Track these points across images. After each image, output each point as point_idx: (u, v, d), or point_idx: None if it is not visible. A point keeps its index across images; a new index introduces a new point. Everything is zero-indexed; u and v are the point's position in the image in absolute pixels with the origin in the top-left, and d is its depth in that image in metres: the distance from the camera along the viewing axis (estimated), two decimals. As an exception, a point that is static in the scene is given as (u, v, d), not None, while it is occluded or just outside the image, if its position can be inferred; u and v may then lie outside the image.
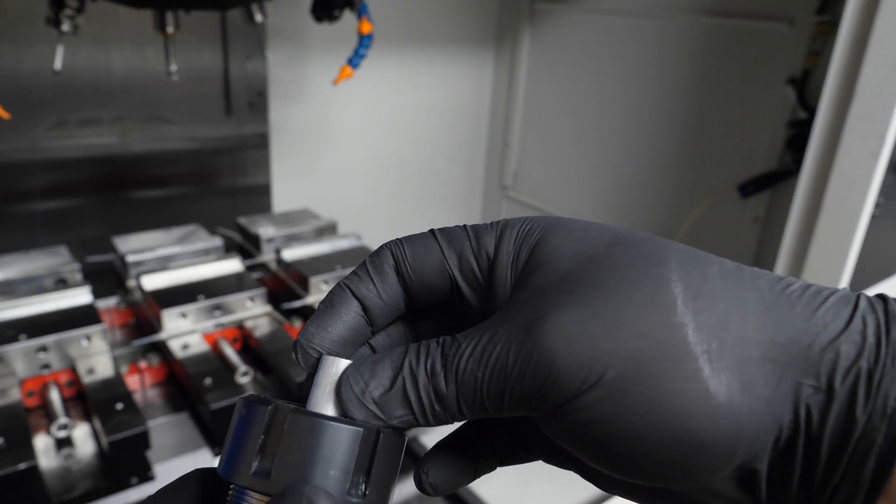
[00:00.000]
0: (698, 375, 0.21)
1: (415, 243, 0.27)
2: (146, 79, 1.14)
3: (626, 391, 0.21)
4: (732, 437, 0.21)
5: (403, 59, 1.49)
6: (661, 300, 0.22)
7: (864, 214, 0.79)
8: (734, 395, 0.21)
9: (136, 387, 0.86)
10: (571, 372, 0.22)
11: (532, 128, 1.64)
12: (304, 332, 0.26)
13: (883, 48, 0.73)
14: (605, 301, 0.22)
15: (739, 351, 0.22)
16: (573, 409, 0.22)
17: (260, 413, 0.23)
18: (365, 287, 0.26)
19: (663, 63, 1.31)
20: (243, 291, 0.94)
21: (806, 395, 0.21)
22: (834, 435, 0.21)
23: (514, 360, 0.23)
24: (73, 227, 1.17)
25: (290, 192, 1.41)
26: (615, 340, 0.22)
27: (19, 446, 0.67)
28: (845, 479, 0.21)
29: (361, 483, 0.23)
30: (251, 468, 0.23)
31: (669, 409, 0.21)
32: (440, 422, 0.24)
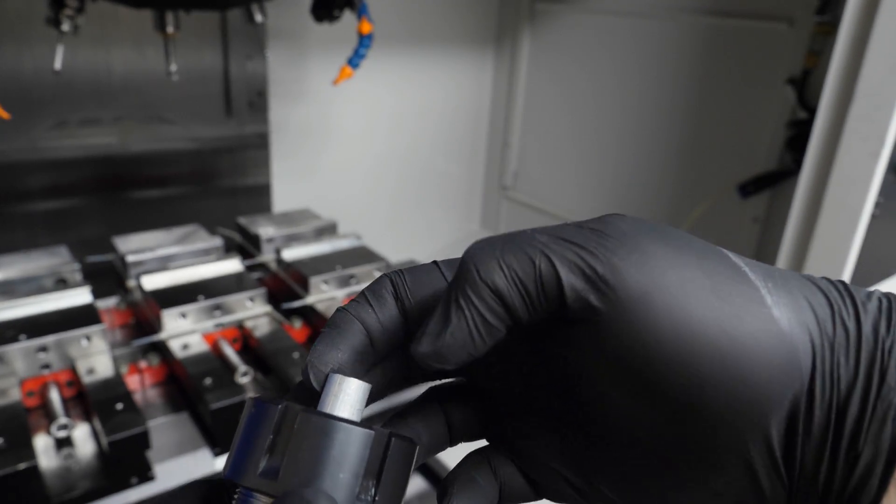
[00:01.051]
0: (763, 300, 0.22)
1: (414, 270, 0.27)
2: (146, 79, 1.14)
3: (701, 293, 0.22)
4: (788, 363, 0.22)
5: (403, 59, 1.49)
6: (715, 249, 0.24)
7: (864, 214, 0.79)
8: (793, 326, 0.22)
9: (136, 387, 0.86)
10: (647, 253, 0.22)
11: (532, 128, 1.64)
12: (315, 351, 0.25)
13: (883, 48, 0.73)
14: (672, 234, 0.24)
15: (789, 297, 0.23)
16: (640, 293, 0.22)
17: (270, 412, 0.23)
18: (364, 311, 0.26)
19: (663, 63, 1.31)
20: (243, 291, 0.94)
21: (839, 351, 0.22)
22: (859, 396, 0.22)
23: (585, 233, 0.23)
24: (73, 227, 1.17)
25: (290, 192, 1.41)
26: (690, 250, 0.23)
27: (19, 446, 0.67)
28: (867, 444, 0.22)
29: (371, 488, 0.23)
30: (259, 468, 0.22)
31: (742, 323, 0.22)
32: (499, 322, 0.23)
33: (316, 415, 0.23)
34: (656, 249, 0.23)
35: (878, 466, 0.22)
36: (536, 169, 1.66)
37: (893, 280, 0.92)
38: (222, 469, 0.24)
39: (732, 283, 0.23)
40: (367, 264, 1.04)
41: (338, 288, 1.01)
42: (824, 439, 0.23)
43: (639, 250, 0.23)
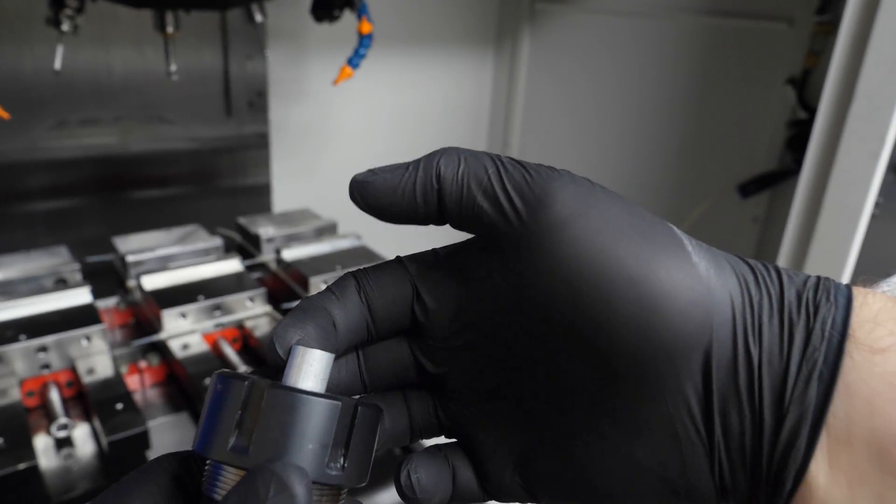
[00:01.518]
0: (684, 246, 0.24)
1: (378, 270, 0.29)
2: (146, 79, 1.14)
3: (625, 232, 0.23)
4: (706, 310, 0.22)
5: (403, 59, 1.49)
6: (644, 212, 0.25)
7: (864, 214, 0.79)
8: (711, 275, 0.23)
9: (136, 387, 0.86)
10: (578, 196, 0.24)
11: (532, 128, 1.64)
12: (280, 325, 0.26)
13: (883, 48, 0.73)
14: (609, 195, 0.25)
15: (712, 255, 0.24)
16: (575, 225, 0.23)
17: (236, 388, 0.23)
18: (329, 300, 0.27)
19: (663, 63, 1.31)
20: (243, 291, 0.93)
21: (759, 309, 0.23)
22: (784, 353, 0.22)
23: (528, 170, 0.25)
24: (73, 227, 1.17)
25: (290, 192, 1.41)
26: (616, 201, 0.25)
27: (19, 446, 0.67)
28: (792, 404, 0.22)
29: (340, 456, 0.23)
30: (228, 444, 0.22)
31: (661, 260, 0.23)
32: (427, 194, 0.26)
33: (282, 389, 0.23)
34: (591, 189, 0.25)
35: (804, 429, 0.22)
36: (536, 169, 1.66)
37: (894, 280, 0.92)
38: (196, 447, 0.24)
39: (657, 227, 0.24)
40: (367, 264, 1.04)
41: (338, 288, 1.01)
42: (748, 399, 0.23)
43: (575, 184, 0.25)
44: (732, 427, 0.23)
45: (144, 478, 0.25)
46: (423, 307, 0.28)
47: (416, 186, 0.26)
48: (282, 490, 0.21)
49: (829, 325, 0.22)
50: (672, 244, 0.23)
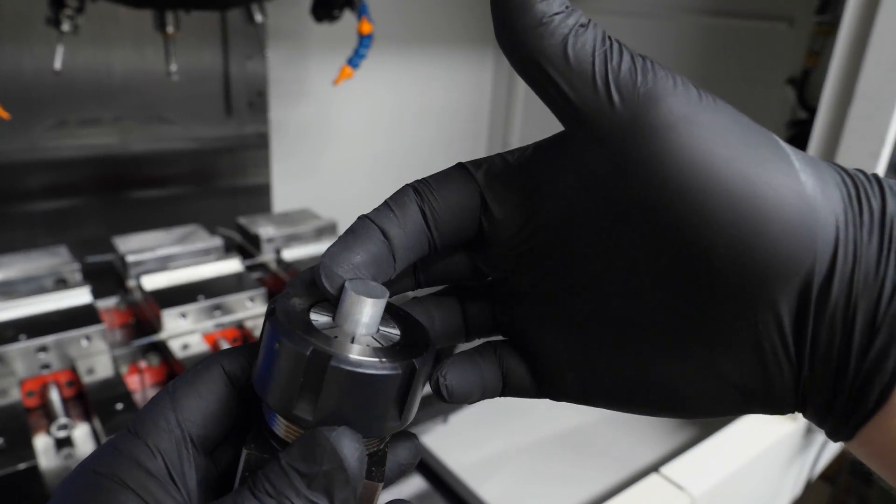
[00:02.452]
0: (791, 162, 0.23)
1: (440, 177, 0.27)
2: (146, 79, 1.14)
3: (732, 143, 0.22)
4: (810, 231, 0.22)
5: (403, 59, 1.49)
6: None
7: (864, 214, 0.79)
8: (817, 194, 0.22)
9: (136, 387, 0.86)
10: (686, 99, 0.23)
11: (532, 128, 1.64)
12: (328, 254, 0.25)
13: (883, 48, 0.73)
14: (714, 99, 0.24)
15: (818, 171, 0.23)
16: (680, 113, 0.23)
17: (296, 355, 0.23)
18: (385, 217, 0.26)
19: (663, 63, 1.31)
20: (243, 291, 0.94)
21: (861, 228, 0.22)
22: (879, 278, 0.22)
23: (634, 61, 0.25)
24: (73, 227, 1.17)
25: (290, 192, 1.41)
26: (725, 110, 0.23)
27: (19, 446, 0.67)
28: (884, 324, 0.21)
29: (395, 416, 0.25)
30: (292, 404, 0.24)
31: (769, 176, 0.22)
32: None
33: (343, 365, 0.23)
34: (698, 95, 0.23)
35: (894, 347, 0.21)
36: (536, 169, 1.66)
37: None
38: (255, 385, 0.25)
39: (764, 140, 0.23)
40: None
41: (338, 288, 1.01)
42: (841, 318, 0.22)
43: (684, 87, 0.24)
44: (822, 343, 0.23)
45: (200, 382, 0.26)
46: (490, 217, 0.27)
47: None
48: (335, 460, 0.23)
49: None
50: (779, 158, 0.22)
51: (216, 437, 0.26)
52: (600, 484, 0.85)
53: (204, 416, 0.25)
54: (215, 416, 0.26)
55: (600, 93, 0.23)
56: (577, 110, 0.24)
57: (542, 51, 0.24)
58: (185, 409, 0.25)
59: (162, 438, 0.25)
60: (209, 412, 0.26)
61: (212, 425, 0.26)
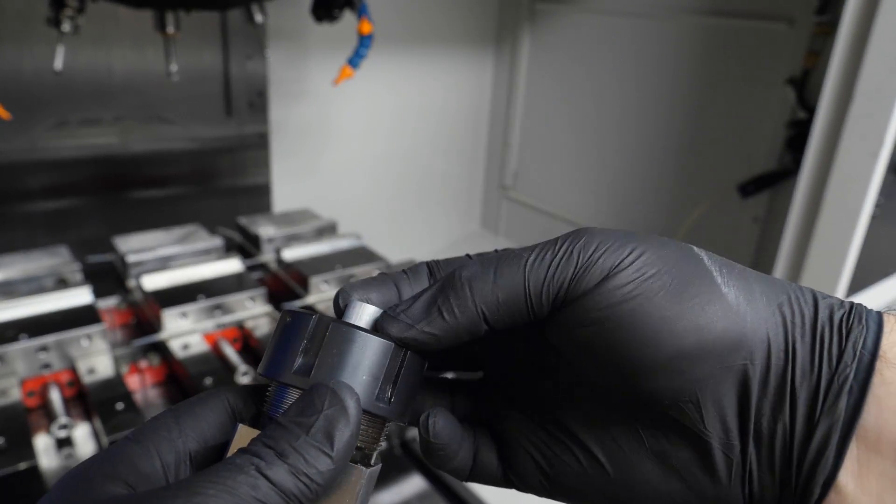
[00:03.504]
0: (714, 280, 0.25)
1: (450, 260, 0.30)
2: (146, 79, 1.14)
3: (657, 277, 0.24)
4: (739, 334, 0.24)
5: (403, 59, 1.49)
6: (680, 243, 0.27)
7: (864, 214, 0.79)
8: (741, 303, 0.25)
9: (136, 387, 0.86)
10: (615, 250, 0.25)
11: (532, 128, 1.64)
12: (349, 283, 0.29)
13: (883, 48, 0.73)
14: (639, 237, 0.26)
15: (743, 282, 0.25)
16: (610, 286, 0.24)
17: (304, 321, 0.26)
18: (401, 278, 0.29)
19: (663, 63, 1.31)
20: (243, 291, 0.94)
21: (792, 329, 0.25)
22: (815, 370, 0.24)
23: (562, 243, 0.26)
24: (73, 227, 1.17)
25: (290, 192, 1.41)
26: (649, 242, 0.26)
27: (19, 446, 0.67)
28: (823, 416, 0.23)
29: (388, 391, 0.26)
30: (293, 367, 0.25)
31: (691, 298, 0.24)
32: (470, 318, 0.26)
33: (345, 325, 0.26)
34: (624, 254, 0.25)
35: (834, 438, 0.23)
36: (536, 169, 1.66)
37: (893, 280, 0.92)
38: (262, 370, 0.27)
39: (684, 262, 0.25)
40: (367, 264, 1.04)
41: (338, 288, 1.01)
42: (780, 414, 0.24)
43: (610, 261, 0.25)
44: (764, 438, 0.24)
45: (203, 406, 0.27)
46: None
47: (457, 335, 0.27)
48: (335, 403, 0.24)
49: (860, 345, 0.24)
50: (703, 279, 0.25)
51: (211, 459, 0.27)
52: (600, 484, 0.84)
53: (204, 437, 0.26)
54: (213, 438, 0.26)
55: (538, 305, 0.26)
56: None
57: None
58: (186, 426, 0.26)
59: (162, 444, 0.25)
60: (209, 435, 0.26)
61: (209, 445, 0.26)
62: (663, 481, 0.27)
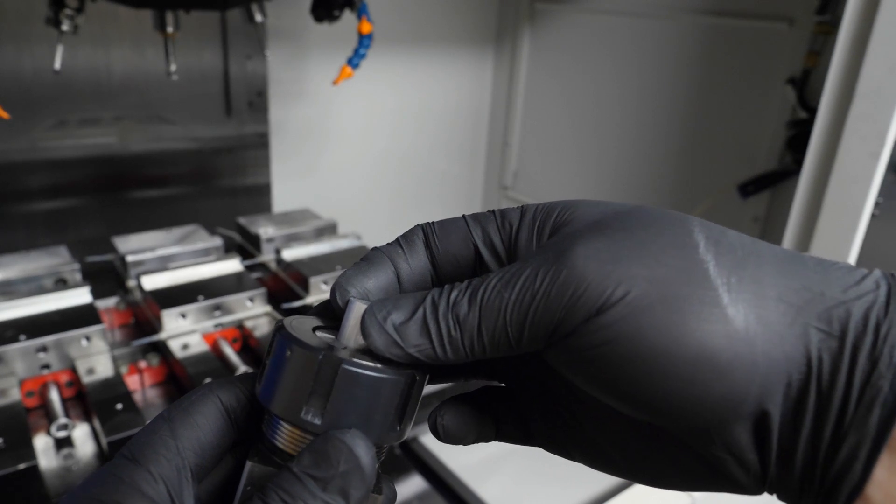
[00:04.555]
0: (718, 301, 0.22)
1: (444, 222, 0.29)
2: (146, 79, 1.14)
3: (649, 309, 0.22)
4: (748, 365, 0.22)
5: (403, 59, 1.49)
6: (684, 241, 0.24)
7: (864, 214, 0.79)
8: (750, 324, 0.22)
9: (136, 387, 0.86)
10: (598, 287, 0.23)
11: (532, 128, 1.64)
12: (343, 275, 0.28)
13: (883, 48, 0.73)
14: (634, 238, 0.24)
15: (756, 288, 0.23)
16: (596, 326, 0.23)
17: (308, 360, 0.25)
18: (395, 252, 0.28)
19: (663, 63, 1.31)
20: (243, 291, 0.94)
21: (817, 340, 0.22)
22: (844, 383, 0.22)
23: (542, 278, 0.24)
24: (73, 227, 1.17)
25: (290, 192, 1.41)
26: (641, 265, 0.23)
27: (19, 446, 0.67)
28: (851, 431, 0.21)
29: (398, 421, 0.26)
30: (301, 409, 0.25)
31: (690, 329, 0.22)
32: (457, 352, 0.25)
33: (354, 367, 0.25)
34: (609, 290, 0.23)
35: (863, 451, 0.21)
36: (536, 169, 1.66)
37: (893, 280, 0.92)
38: (260, 396, 0.26)
39: (683, 286, 0.22)
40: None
41: (338, 288, 1.00)
42: (805, 425, 0.22)
43: (593, 301, 0.23)
44: (785, 451, 0.23)
45: (197, 412, 0.26)
46: (484, 269, 0.29)
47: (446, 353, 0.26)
48: (351, 461, 0.23)
49: None
50: (704, 303, 0.22)
51: (210, 468, 0.27)
52: (600, 484, 0.85)
53: (202, 446, 0.26)
54: (212, 446, 0.26)
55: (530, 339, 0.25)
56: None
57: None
58: (183, 437, 0.26)
59: (163, 465, 0.25)
60: (206, 442, 0.26)
61: (208, 455, 0.26)
62: (675, 475, 0.26)
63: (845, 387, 0.22)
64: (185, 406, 0.27)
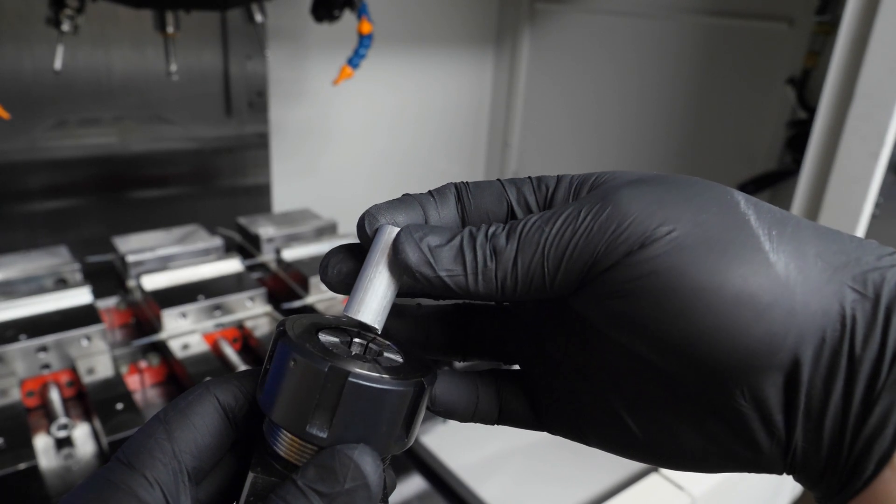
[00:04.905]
0: (760, 246, 0.22)
1: (478, 182, 0.29)
2: (146, 79, 1.14)
3: (693, 248, 0.22)
4: (787, 311, 0.22)
5: (403, 59, 1.49)
6: (725, 198, 0.24)
7: (864, 214, 0.79)
8: (791, 273, 0.22)
9: (136, 387, 0.86)
10: (642, 223, 0.23)
11: (532, 128, 1.64)
12: (375, 206, 0.27)
13: (883, 48, 0.73)
14: (677, 189, 0.24)
15: (796, 244, 0.23)
16: (638, 258, 0.22)
17: (313, 372, 0.24)
18: (427, 201, 0.28)
19: (663, 63, 1.31)
20: (243, 291, 0.94)
21: (852, 300, 0.22)
22: (878, 343, 0.21)
23: (585, 214, 0.24)
24: (73, 227, 1.17)
25: (290, 192, 1.41)
26: (685, 208, 0.23)
27: (19, 446, 0.67)
28: (884, 391, 0.21)
29: (405, 431, 0.25)
30: (306, 422, 0.24)
31: (732, 269, 0.22)
32: (489, 286, 0.24)
33: (361, 379, 0.24)
34: (653, 227, 0.23)
35: (895, 415, 0.21)
36: (536, 169, 1.66)
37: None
38: (262, 403, 0.25)
39: (731, 232, 0.23)
40: (367, 264, 1.04)
41: (338, 288, 1.01)
42: (836, 387, 0.22)
43: (637, 236, 0.23)
44: (813, 414, 0.22)
45: (194, 413, 0.26)
46: None
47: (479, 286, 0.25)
48: (358, 478, 0.23)
49: None
50: (746, 248, 0.22)
51: (208, 469, 0.26)
52: (600, 484, 0.84)
53: (199, 448, 0.25)
54: (210, 448, 0.26)
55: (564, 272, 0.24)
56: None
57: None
58: (179, 440, 0.25)
59: (159, 470, 0.24)
60: (204, 444, 0.25)
61: (206, 457, 0.26)
62: (698, 447, 0.25)
63: (879, 348, 0.21)
64: (181, 407, 0.26)
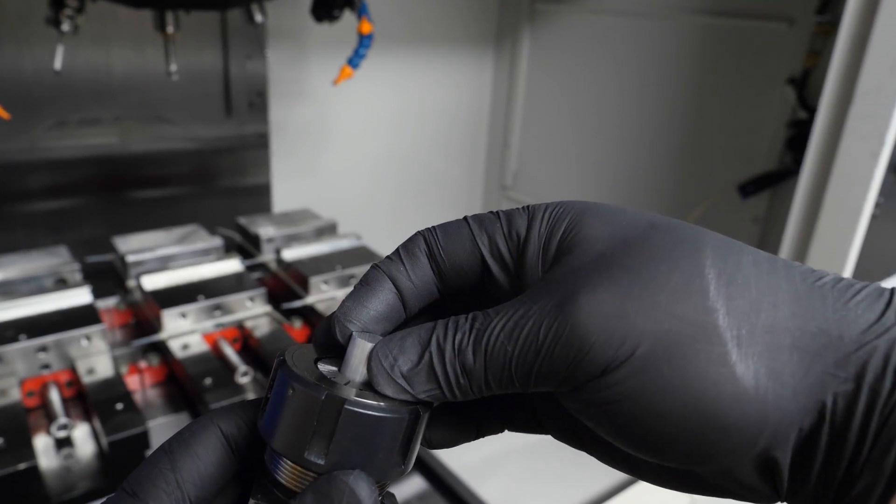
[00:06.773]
0: (726, 359, 0.22)
1: (447, 228, 0.28)
2: (146, 79, 1.14)
3: (655, 369, 0.22)
4: (757, 422, 0.22)
5: (403, 59, 1.49)
6: (694, 285, 0.22)
7: (864, 214, 0.79)
8: (761, 380, 0.21)
9: (136, 387, 0.86)
10: (603, 347, 0.22)
11: (532, 128, 1.64)
12: (342, 307, 0.27)
13: (883, 48, 0.73)
14: (640, 282, 0.23)
15: (769, 339, 0.22)
16: (601, 385, 0.22)
17: (310, 400, 0.24)
18: (396, 269, 0.27)
19: (663, 63, 1.31)
20: (243, 291, 0.94)
21: (833, 385, 0.21)
22: (858, 425, 0.21)
23: (545, 334, 0.23)
24: (73, 227, 1.17)
25: (290, 192, 1.41)
26: (647, 320, 0.22)
27: (19, 446, 0.67)
28: (865, 470, 0.21)
29: (402, 457, 0.26)
30: (304, 449, 0.24)
31: (696, 389, 0.22)
32: (466, 395, 0.25)
33: (357, 408, 0.24)
34: (615, 349, 0.22)
35: (877, 490, 0.21)
36: (536, 169, 1.66)
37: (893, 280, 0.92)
38: (262, 431, 0.26)
39: (690, 344, 0.22)
40: (367, 264, 1.04)
41: (338, 288, 1.01)
42: (813, 466, 0.22)
43: (598, 362, 0.22)
44: (797, 484, 0.23)
45: (198, 444, 0.26)
46: (490, 276, 0.28)
47: (454, 393, 0.26)
48: (353, 502, 0.23)
49: None
50: (712, 363, 0.22)
51: (211, 498, 0.27)
52: (600, 484, 0.85)
53: (202, 478, 0.26)
54: (213, 477, 0.26)
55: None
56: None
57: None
58: (183, 469, 0.25)
59: (163, 499, 0.25)
60: (207, 474, 0.26)
61: (209, 486, 0.26)
62: (686, 477, 0.26)
63: (860, 428, 0.21)
64: (185, 438, 0.26)
